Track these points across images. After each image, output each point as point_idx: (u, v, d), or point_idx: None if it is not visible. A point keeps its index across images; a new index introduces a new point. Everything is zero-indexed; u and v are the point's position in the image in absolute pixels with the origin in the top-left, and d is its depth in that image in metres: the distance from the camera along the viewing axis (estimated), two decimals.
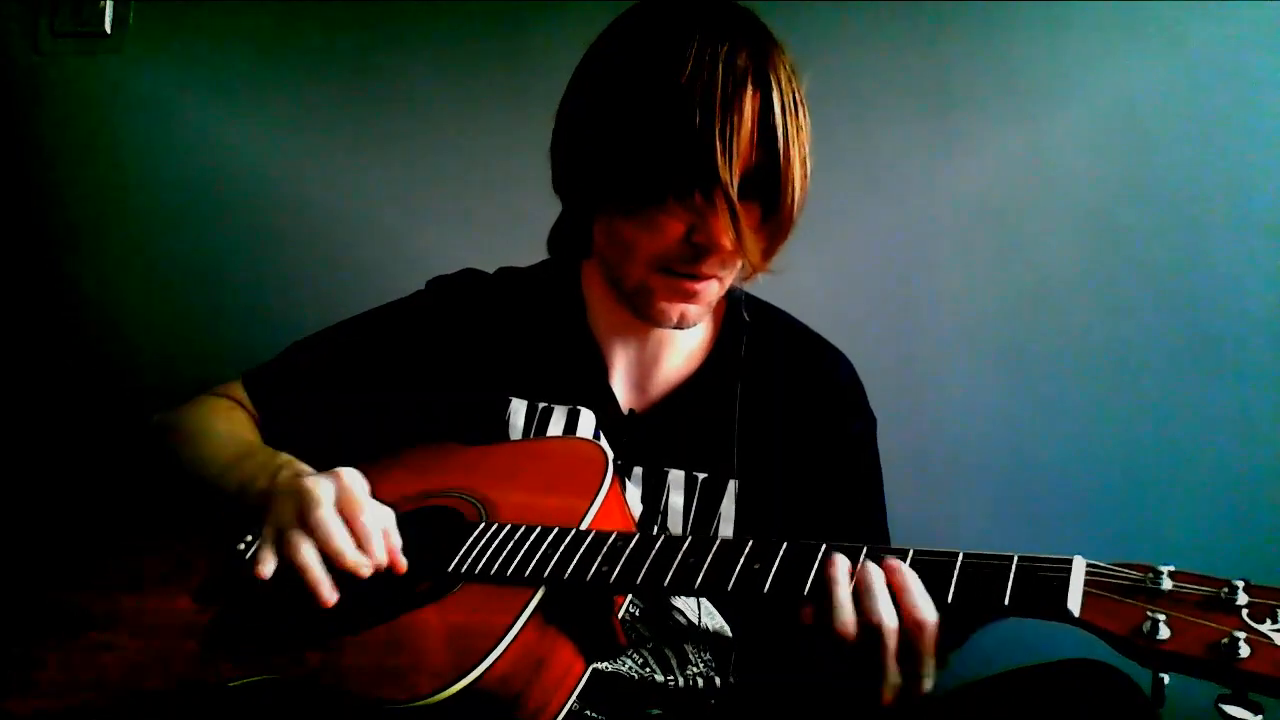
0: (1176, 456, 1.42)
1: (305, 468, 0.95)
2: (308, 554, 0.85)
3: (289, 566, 0.86)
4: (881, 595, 0.75)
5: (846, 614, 0.75)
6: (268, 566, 0.86)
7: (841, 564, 0.77)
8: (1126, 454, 1.44)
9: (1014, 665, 0.84)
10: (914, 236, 1.52)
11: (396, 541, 0.89)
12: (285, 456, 0.98)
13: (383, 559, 0.87)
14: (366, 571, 0.86)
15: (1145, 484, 1.43)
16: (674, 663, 0.99)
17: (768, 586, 0.77)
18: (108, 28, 1.79)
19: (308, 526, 0.86)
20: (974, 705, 0.83)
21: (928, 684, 0.76)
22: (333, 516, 0.86)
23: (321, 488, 0.88)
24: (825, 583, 0.76)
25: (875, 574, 0.76)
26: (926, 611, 0.74)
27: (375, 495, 0.91)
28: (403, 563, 0.88)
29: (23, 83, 1.82)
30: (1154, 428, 1.43)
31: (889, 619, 0.74)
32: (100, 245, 1.81)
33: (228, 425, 1.10)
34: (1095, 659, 0.80)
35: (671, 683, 0.98)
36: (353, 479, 0.90)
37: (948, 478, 1.49)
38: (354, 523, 0.87)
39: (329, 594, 0.85)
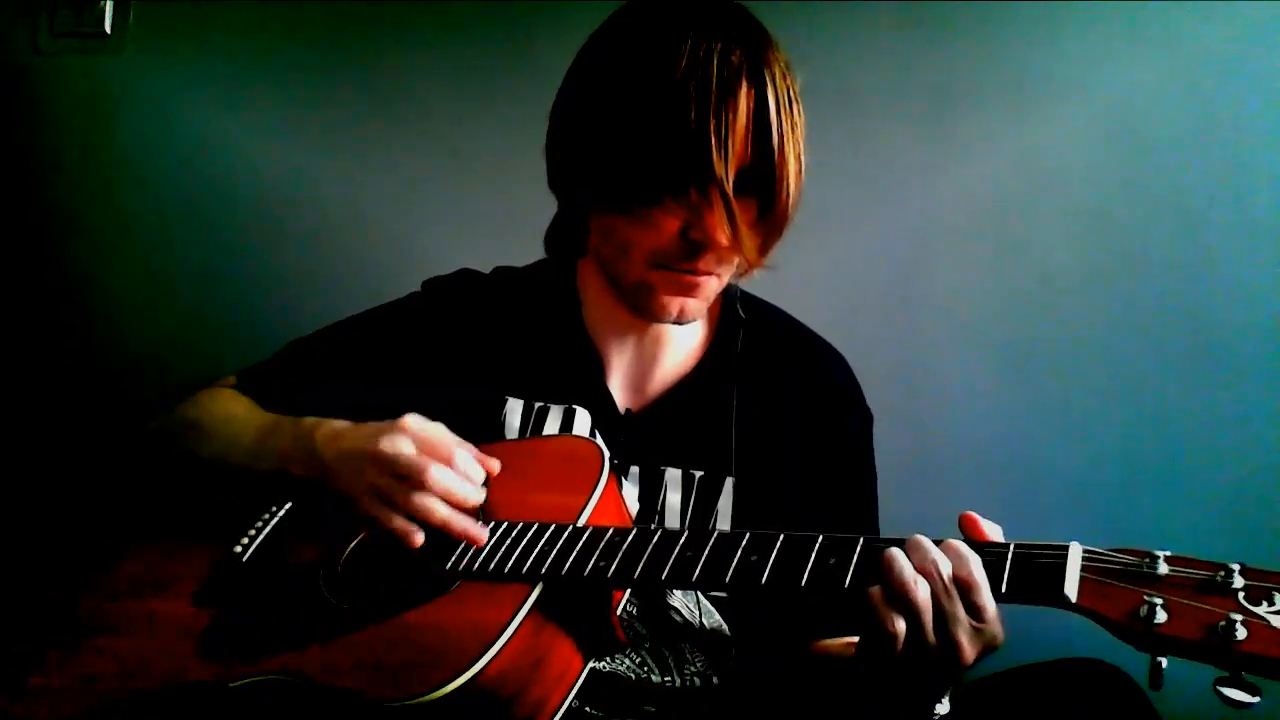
0: (1176, 456, 1.42)
1: (337, 423, 0.95)
2: (440, 509, 0.87)
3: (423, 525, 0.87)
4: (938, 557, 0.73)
5: (919, 590, 0.72)
6: (419, 536, 0.87)
7: (898, 554, 0.74)
8: (1126, 453, 1.44)
9: (1014, 664, 0.84)
10: (914, 236, 1.52)
11: (477, 456, 0.92)
12: (310, 419, 0.98)
13: (483, 474, 0.92)
14: (481, 498, 0.89)
15: (1145, 484, 1.43)
16: (671, 662, 0.98)
17: (765, 578, 0.77)
18: (108, 28, 1.80)
19: (425, 486, 0.87)
20: (975, 705, 0.83)
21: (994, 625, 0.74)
22: (442, 470, 0.88)
23: (404, 444, 0.89)
24: (883, 565, 0.74)
25: (928, 546, 0.74)
26: (978, 574, 0.72)
27: None
28: (495, 467, 0.93)
29: (23, 83, 1.82)
30: (1154, 427, 1.43)
31: (943, 567, 0.72)
32: (99, 245, 1.81)
33: (242, 408, 1.09)
34: (1095, 658, 0.80)
35: (669, 683, 0.98)
36: (420, 423, 0.92)
37: (947, 477, 1.49)
38: (452, 465, 0.89)
39: (482, 533, 0.87)
